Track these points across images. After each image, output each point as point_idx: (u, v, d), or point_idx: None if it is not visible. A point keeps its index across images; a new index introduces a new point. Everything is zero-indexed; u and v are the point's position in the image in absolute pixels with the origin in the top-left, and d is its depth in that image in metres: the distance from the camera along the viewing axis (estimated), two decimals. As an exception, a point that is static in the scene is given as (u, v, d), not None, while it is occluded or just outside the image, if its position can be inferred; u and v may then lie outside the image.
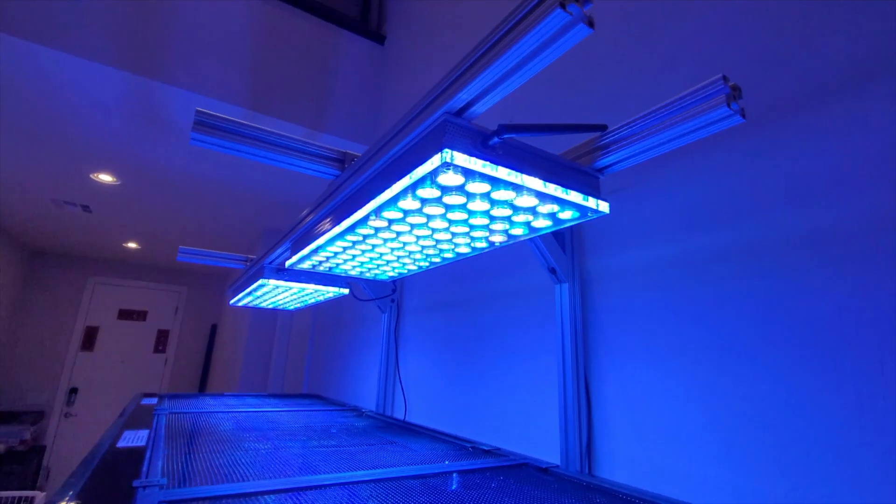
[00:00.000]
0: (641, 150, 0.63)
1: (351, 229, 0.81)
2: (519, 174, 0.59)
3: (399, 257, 1.03)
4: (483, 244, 0.90)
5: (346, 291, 1.55)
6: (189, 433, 1.14)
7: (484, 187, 0.61)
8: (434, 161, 0.54)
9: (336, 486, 0.75)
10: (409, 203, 0.67)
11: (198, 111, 0.70)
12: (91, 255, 5.13)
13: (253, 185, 2.90)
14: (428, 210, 0.70)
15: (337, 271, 1.17)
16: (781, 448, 0.68)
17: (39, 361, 4.73)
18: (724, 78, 0.53)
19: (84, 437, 4.78)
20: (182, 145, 2.48)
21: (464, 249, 0.94)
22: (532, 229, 0.79)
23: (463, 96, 0.51)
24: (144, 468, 0.76)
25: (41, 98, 2.06)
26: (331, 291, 1.56)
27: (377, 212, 0.72)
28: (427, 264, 1.09)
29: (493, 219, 0.75)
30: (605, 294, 1.05)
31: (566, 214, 0.71)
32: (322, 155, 0.81)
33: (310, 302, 1.83)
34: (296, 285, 1.48)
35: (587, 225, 1.14)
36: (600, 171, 0.70)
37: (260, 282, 1.44)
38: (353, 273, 1.20)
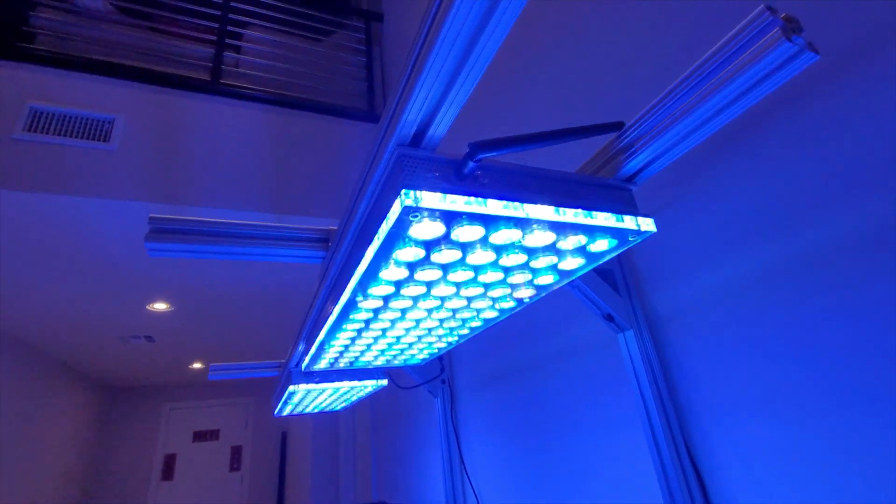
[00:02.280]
0: (679, 136, 0.46)
1: (344, 316, 0.67)
2: (518, 204, 0.44)
3: (420, 337, 0.87)
4: (511, 303, 0.73)
5: (384, 383, 1.39)
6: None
7: (476, 232, 0.46)
8: (395, 209, 0.40)
9: None
10: (392, 272, 0.53)
11: (151, 217, 0.62)
12: (162, 383, 5.33)
13: (304, 286, 2.90)
14: (421, 276, 0.55)
15: (359, 365, 1.03)
16: None
17: (124, 496, 4.78)
18: (770, 9, 0.37)
19: (170, 574, 4.64)
20: (222, 263, 2.55)
21: (490, 314, 0.78)
22: (563, 273, 0.62)
23: (410, 118, 0.38)
24: None
25: (90, 242, 2.21)
26: (368, 386, 1.40)
27: (362, 290, 0.58)
28: (455, 339, 0.92)
29: (507, 270, 0.58)
30: (684, 335, 0.82)
31: (601, 245, 0.54)
32: (301, 238, 0.70)
33: (353, 399, 1.67)
34: (329, 386, 1.34)
35: (639, 254, 0.94)
36: (630, 179, 0.53)
37: (290, 389, 1.31)
38: (378, 363, 1.05)
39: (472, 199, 0.42)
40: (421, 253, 0.49)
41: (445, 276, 0.57)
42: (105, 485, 4.79)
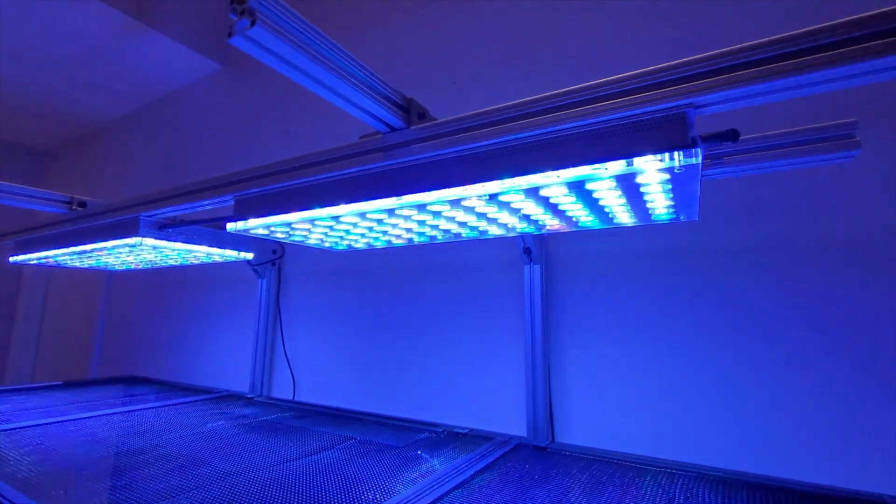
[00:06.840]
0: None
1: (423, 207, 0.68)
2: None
3: (375, 238, 0.91)
4: (476, 234, 0.87)
5: (250, 256, 1.28)
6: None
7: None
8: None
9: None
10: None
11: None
12: None
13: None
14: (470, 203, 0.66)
15: (295, 239, 0.96)
16: (723, 410, 0.94)
17: None
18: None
19: None
20: None
21: (450, 233, 0.89)
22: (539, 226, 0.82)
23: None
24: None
25: None
26: (228, 255, 1.25)
27: (454, 204, 0.63)
28: (395, 241, 0.98)
29: (528, 218, 0.75)
30: (569, 278, 1.16)
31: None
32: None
33: (171, 264, 1.42)
34: (184, 247, 1.12)
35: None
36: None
37: (133, 240, 1.03)
38: (310, 243, 1.00)
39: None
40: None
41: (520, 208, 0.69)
42: None
